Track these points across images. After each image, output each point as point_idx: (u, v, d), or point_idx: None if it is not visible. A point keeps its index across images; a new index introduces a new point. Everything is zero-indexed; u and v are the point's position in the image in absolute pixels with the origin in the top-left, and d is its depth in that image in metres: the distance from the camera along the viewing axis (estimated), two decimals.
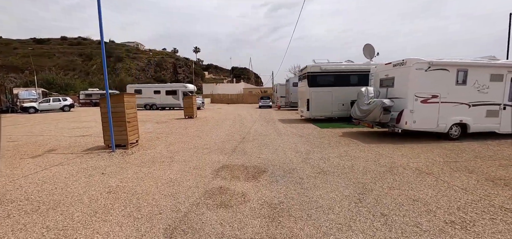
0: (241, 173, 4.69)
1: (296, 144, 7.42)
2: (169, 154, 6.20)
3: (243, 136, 8.82)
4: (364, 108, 8.26)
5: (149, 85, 27.05)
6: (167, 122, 13.72)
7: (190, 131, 10.22)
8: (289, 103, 23.16)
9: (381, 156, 5.90)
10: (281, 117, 15.94)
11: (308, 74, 12.53)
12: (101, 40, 6.18)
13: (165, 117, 16.43)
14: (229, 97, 44.86)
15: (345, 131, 9.82)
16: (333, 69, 12.59)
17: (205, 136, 8.92)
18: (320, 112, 12.76)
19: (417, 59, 7.33)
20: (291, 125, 12.14)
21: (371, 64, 12.85)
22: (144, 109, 25.48)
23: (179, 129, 11.01)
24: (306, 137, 8.54)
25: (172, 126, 11.96)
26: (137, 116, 7.29)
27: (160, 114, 19.22)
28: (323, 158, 5.76)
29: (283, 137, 8.68)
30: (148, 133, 9.89)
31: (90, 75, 62.87)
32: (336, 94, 12.68)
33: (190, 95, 15.75)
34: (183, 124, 12.97)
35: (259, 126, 11.88)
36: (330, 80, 12.69)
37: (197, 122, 13.61)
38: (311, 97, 12.57)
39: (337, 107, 12.78)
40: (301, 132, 9.80)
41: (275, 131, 10.16)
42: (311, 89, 12.54)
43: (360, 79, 12.68)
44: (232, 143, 7.56)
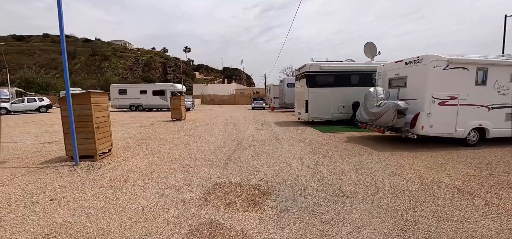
0: (238, 196, 3.61)
1: (299, 152, 6.40)
2: (147, 168, 5.02)
3: (238, 142, 7.73)
4: (374, 110, 7.36)
5: (135, 85, 25.43)
6: (151, 125, 12.41)
7: (176, 136, 9.02)
8: (284, 104, 22.23)
9: (403, 168, 4.97)
10: (277, 120, 14.95)
11: (307, 74, 11.59)
12: (60, 28, 4.95)
13: (151, 120, 15.07)
14: (220, 98, 43.54)
15: (349, 136, 8.91)
16: (333, 68, 11.72)
17: (194, 142, 7.76)
18: (319, 114, 11.84)
19: (435, 56, 6.49)
20: (288, 128, 11.16)
21: (372, 63, 12.09)
22: (130, 111, 23.87)
23: (165, 133, 9.78)
24: (309, 143, 7.55)
25: (156, 130, 10.69)
26: (109, 120, 6.06)
27: (145, 116, 17.79)
28: (336, 171, 4.76)
29: (283, 143, 7.66)
30: (127, 138, 8.61)
31: (74, 74, 59.76)
32: (336, 96, 11.81)
33: (178, 96, 14.48)
34: (169, 127, 11.71)
35: (254, 129, 10.82)
36: (330, 80, 11.81)
37: (185, 125, 12.38)
38: (309, 99, 11.64)
39: (337, 109, 11.91)
40: (302, 136, 8.82)
41: (272, 135, 9.13)
42: (310, 89, 11.61)
43: (362, 79, 11.88)
44: (225, 151, 6.46)
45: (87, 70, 61.17)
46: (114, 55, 69.47)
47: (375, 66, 12.01)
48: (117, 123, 13.57)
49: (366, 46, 12.42)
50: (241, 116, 17.76)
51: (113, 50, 74.89)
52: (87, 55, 66.20)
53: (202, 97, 45.30)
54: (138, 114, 20.16)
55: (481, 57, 6.94)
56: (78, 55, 66.11)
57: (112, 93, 24.14)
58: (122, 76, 61.90)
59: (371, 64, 11.97)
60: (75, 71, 61.47)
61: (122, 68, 65.36)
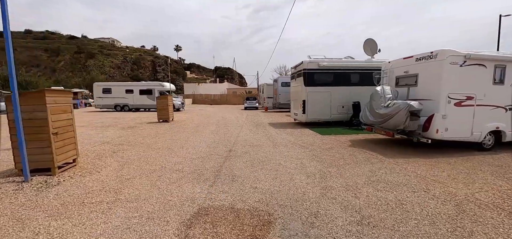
0: (231, 229, 2.71)
1: (300, 159, 5.57)
2: (116, 184, 4.04)
3: (230, 148, 6.82)
4: (382, 112, 6.62)
5: (120, 84, 24.00)
6: (135, 127, 11.30)
7: (161, 140, 8.01)
8: (278, 104, 21.44)
9: (425, 180, 4.22)
10: (271, 121, 14.11)
11: (304, 72, 10.80)
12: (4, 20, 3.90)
13: (135, 121, 13.91)
14: (212, 98, 42.37)
15: (352, 139, 8.17)
16: (332, 66, 10.98)
17: (180, 148, 6.79)
18: (317, 115, 11.08)
19: (452, 51, 5.80)
20: (285, 130, 10.33)
21: (372, 61, 11.44)
22: (115, 111, 22.45)
23: (148, 137, 8.74)
24: (310, 148, 6.73)
25: (139, 133, 9.62)
26: (74, 124, 5.01)
27: (130, 117, 16.56)
28: (349, 186, 3.94)
29: (281, 148, 6.81)
30: (103, 144, 7.53)
31: (57, 72, 56.97)
32: (335, 95, 11.08)
33: (165, 95, 13.38)
34: (154, 129, 10.65)
35: (247, 131, 9.93)
36: (328, 78, 11.06)
37: (172, 127, 11.35)
38: (307, 98, 10.85)
39: (337, 109, 11.19)
40: (300, 140, 8.00)
41: (268, 139, 8.27)
42: (308, 89, 10.82)
43: (362, 78, 11.21)
44: (215, 160, 5.54)
45: (71, 68, 58.38)
46: (101, 53, 66.72)
47: (376, 64, 11.37)
48: (96, 125, 12.36)
49: (366, 43, 11.76)
50: (233, 117, 16.82)
51: (100, 47, 72.06)
52: (71, 53, 63.30)
53: (193, 97, 43.96)
54: (123, 115, 18.86)
55: (499, 53, 6.33)
56: (62, 53, 63.02)
57: (95, 93, 22.68)
58: (109, 74, 59.43)
59: (371, 62, 11.32)
60: (58, 69, 58.58)
61: (109, 67, 62.81)
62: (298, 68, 11.51)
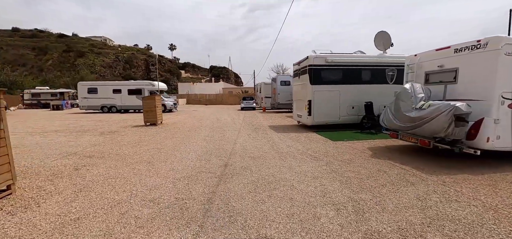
0: None
1: (318, 179, 4.27)
2: (51, 232, 2.67)
3: (225, 161, 5.47)
4: (413, 115, 5.37)
5: (107, 83, 22.37)
6: (116, 132, 9.85)
7: (142, 150, 6.62)
8: (277, 104, 20.14)
9: (501, 214, 2.96)
10: (272, 123, 12.80)
11: (310, 68, 9.52)
12: None
13: (119, 124, 12.43)
14: (206, 98, 40.88)
15: (369, 146, 6.92)
16: (341, 62, 9.73)
17: (163, 162, 5.42)
18: (325, 117, 9.81)
19: (508, 39, 4.58)
20: (289, 135, 9.02)
21: (385, 56, 10.24)
22: (101, 113, 20.83)
23: (128, 145, 7.33)
24: (325, 160, 5.45)
25: (119, 140, 8.20)
26: (7, 138, 3.59)
27: (115, 120, 15.04)
28: (404, 231, 2.65)
29: (289, 160, 5.50)
30: (69, 156, 6.10)
31: (45, 71, 54.50)
32: (344, 95, 9.84)
33: (153, 95, 11.93)
34: (138, 135, 9.23)
35: (246, 137, 8.59)
36: (337, 76, 9.81)
37: (160, 132, 9.94)
38: (313, 98, 9.58)
39: (346, 111, 9.94)
40: (310, 148, 6.71)
41: (271, 147, 6.95)
42: (314, 87, 9.55)
43: (374, 75, 10.01)
44: (206, 182, 4.19)
45: (60, 67, 55.96)
46: (91, 51, 64.30)
47: (389, 59, 10.18)
48: (73, 129, 10.86)
49: (378, 37, 10.54)
50: (229, 118, 15.46)
51: (91, 46, 69.60)
52: (60, 51, 60.79)
53: (187, 96, 42.38)
54: (108, 117, 17.30)
55: None
56: (50, 51, 60.44)
57: (80, 93, 21.03)
58: (99, 74, 57.13)
59: (384, 58, 10.12)
60: (46, 68, 56.08)
61: (100, 66, 60.50)
62: (302, 65, 10.22)
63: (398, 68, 10.10)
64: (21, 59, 57.74)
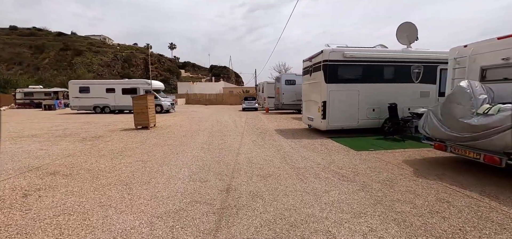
0: None
1: (363, 216, 2.96)
2: None
3: (227, 184, 4.16)
4: (476, 122, 4.04)
5: (100, 82, 21.12)
6: (101, 137, 8.55)
7: (121, 164, 5.31)
8: (281, 105, 18.82)
9: None
10: (278, 126, 11.48)
11: (325, 64, 8.20)
12: None
13: (107, 128, 11.14)
14: (206, 98, 39.58)
15: (405, 158, 5.60)
16: (361, 57, 8.40)
17: (143, 185, 4.12)
18: (342, 121, 8.49)
19: None
20: (300, 142, 7.71)
21: (410, 51, 8.91)
22: (93, 113, 19.54)
23: (107, 156, 6.03)
24: (360, 183, 4.14)
25: (100, 148, 6.90)
26: None
27: (104, 122, 13.74)
28: None
29: (311, 181, 4.18)
30: (27, 172, 4.80)
31: (41, 70, 53.20)
32: (364, 95, 8.53)
33: (145, 94, 10.61)
34: (124, 141, 7.93)
35: (251, 144, 7.28)
36: (356, 73, 8.50)
37: (150, 138, 8.63)
38: (329, 99, 8.26)
39: (365, 113, 8.63)
40: (332, 161, 5.39)
41: (283, 158, 5.64)
42: (330, 86, 8.23)
43: (398, 72, 8.70)
44: (199, 226, 2.88)
45: (56, 66, 54.67)
46: (90, 50, 62.96)
47: (416, 54, 8.85)
48: (53, 133, 9.56)
49: (401, 29, 9.21)
50: (230, 120, 14.15)
51: (89, 45, 68.26)
52: (57, 50, 59.50)
53: (186, 96, 41.09)
54: (99, 118, 15.99)
55: None
56: (46, 50, 59.13)
57: (71, 92, 19.75)
58: (97, 73, 55.78)
59: (410, 53, 8.79)
60: (42, 67, 54.77)
61: (98, 65, 59.16)
62: (315, 61, 8.90)
63: (425, 64, 8.81)
64: (17, 58, 56.47)
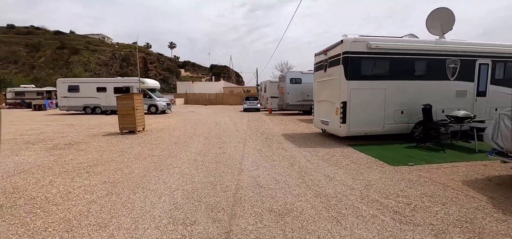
0: None
1: None
2: None
3: (226, 228, 2.73)
4: None
5: (90, 80, 19.71)
6: (75, 145, 7.13)
7: (79, 191, 3.89)
8: (285, 105, 17.38)
9: None
10: (285, 130, 10.04)
11: (346, 57, 6.76)
12: None
13: (89, 132, 9.72)
14: (206, 98, 38.15)
15: (462, 177, 4.16)
16: (389, 48, 6.96)
17: (98, 230, 2.69)
18: (364, 126, 7.06)
19: None
20: (317, 151, 6.27)
21: (445, 42, 7.46)
22: (83, 114, 18.14)
23: (67, 174, 4.61)
24: (422, 224, 2.71)
25: (62, 163, 5.48)
26: None
27: (88, 125, 12.32)
28: None
29: (355, 225, 2.75)
30: None
31: (36, 69, 51.82)
32: (392, 94, 7.10)
33: (131, 93, 9.16)
34: (100, 151, 6.51)
35: (256, 154, 5.85)
36: (383, 68, 7.06)
37: (134, 145, 7.21)
38: (350, 99, 6.83)
39: (393, 116, 7.19)
40: (368, 183, 3.96)
41: (302, 180, 4.21)
42: (351, 83, 6.80)
43: (431, 67, 7.27)
44: None
45: (53, 65, 53.30)
46: (87, 48, 61.56)
47: (451, 46, 7.38)
48: (25, 139, 8.14)
49: (432, 16, 7.78)
50: (231, 122, 12.72)
51: (87, 43, 66.88)
52: (54, 48, 58.11)
53: (185, 96, 39.68)
54: (86, 120, 14.57)
55: None
56: (43, 48, 57.73)
57: (59, 91, 18.32)
58: (94, 72, 54.42)
59: (444, 44, 7.34)
60: (38, 66, 53.38)
61: (96, 63, 57.78)
62: (332, 53, 7.45)
63: (462, 58, 7.38)
64: (12, 56, 55.12)
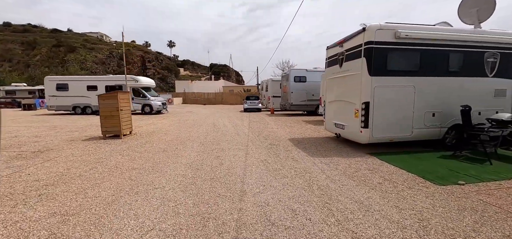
0: None
1: None
2: None
3: None
4: None
5: (80, 78, 18.54)
6: (45, 153, 5.97)
7: (10, 230, 2.73)
8: (289, 105, 16.23)
9: None
10: (291, 134, 8.89)
11: (370, 48, 5.60)
12: None
13: (68, 136, 8.56)
14: (205, 97, 37.00)
15: None
16: (422, 38, 5.79)
17: None
18: (391, 132, 5.90)
19: None
20: (334, 162, 5.11)
21: (482, 32, 6.29)
22: (73, 114, 16.98)
23: (12, 198, 3.45)
24: None
25: (14, 181, 4.32)
26: None
27: (74, 127, 11.15)
28: None
29: None
30: None
31: (31, 67, 50.55)
32: (422, 93, 5.95)
33: (115, 91, 7.97)
34: (69, 163, 5.34)
35: (262, 171, 4.69)
36: (412, 62, 5.90)
37: (114, 154, 6.06)
38: (374, 99, 5.67)
39: (423, 119, 6.04)
40: (420, 216, 2.81)
41: (326, 208, 3.06)
42: (376, 80, 5.64)
43: (467, 61, 6.12)
44: None
45: (48, 63, 52.05)
46: (84, 47, 60.31)
47: (490, 36, 6.25)
48: None
49: (466, 2, 6.62)
50: (230, 124, 11.56)
51: (84, 41, 65.61)
52: (49, 46, 56.84)
53: (183, 95, 38.51)
54: (72, 121, 13.39)
55: None
56: (38, 46, 56.43)
57: (47, 90, 17.13)
58: (91, 70, 53.14)
59: (482, 34, 6.18)
60: (33, 64, 52.10)
61: (92, 62, 56.52)
62: (350, 44, 6.29)
63: (503, 52, 6.23)
64: (7, 54, 53.81)
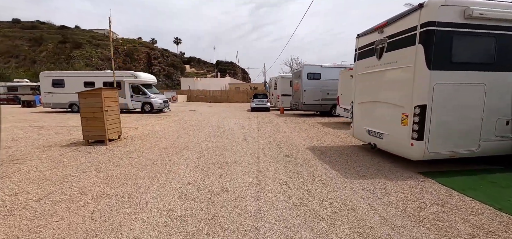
0: None
1: None
2: None
3: None
4: None
5: (77, 73, 17.48)
6: (3, 166, 4.74)
7: None
8: (301, 105, 14.75)
9: None
10: (310, 141, 7.45)
11: (430, 30, 4.10)
12: None
13: (48, 140, 7.35)
14: (211, 95, 35.77)
15: None
16: (500, 18, 4.25)
17: None
18: (452, 145, 4.41)
19: None
20: (381, 188, 3.68)
21: None
22: (69, 112, 15.97)
23: None
24: None
25: None
26: None
27: (63, 128, 10.01)
28: None
29: None
30: None
31: (37, 63, 50.42)
32: (494, 94, 4.41)
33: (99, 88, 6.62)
34: (28, 182, 4.07)
35: (283, 200, 3.31)
36: (484, 51, 4.38)
37: (88, 170, 4.77)
38: (432, 101, 4.19)
39: (494, 128, 4.51)
40: None
41: None
42: (436, 75, 4.15)
43: None
44: None
45: (54, 59, 51.88)
46: (90, 43, 59.97)
47: None
48: None
49: None
50: (236, 126, 10.19)
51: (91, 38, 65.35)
52: (56, 43, 56.69)
53: (188, 93, 37.41)
54: (63, 120, 12.30)
55: None
56: (45, 42, 56.33)
57: (42, 86, 16.15)
58: (96, 66, 52.71)
59: None
60: (39, 60, 51.97)
61: (98, 58, 56.10)
62: (397, 28, 4.79)
63: None
64: (14, 50, 53.87)
